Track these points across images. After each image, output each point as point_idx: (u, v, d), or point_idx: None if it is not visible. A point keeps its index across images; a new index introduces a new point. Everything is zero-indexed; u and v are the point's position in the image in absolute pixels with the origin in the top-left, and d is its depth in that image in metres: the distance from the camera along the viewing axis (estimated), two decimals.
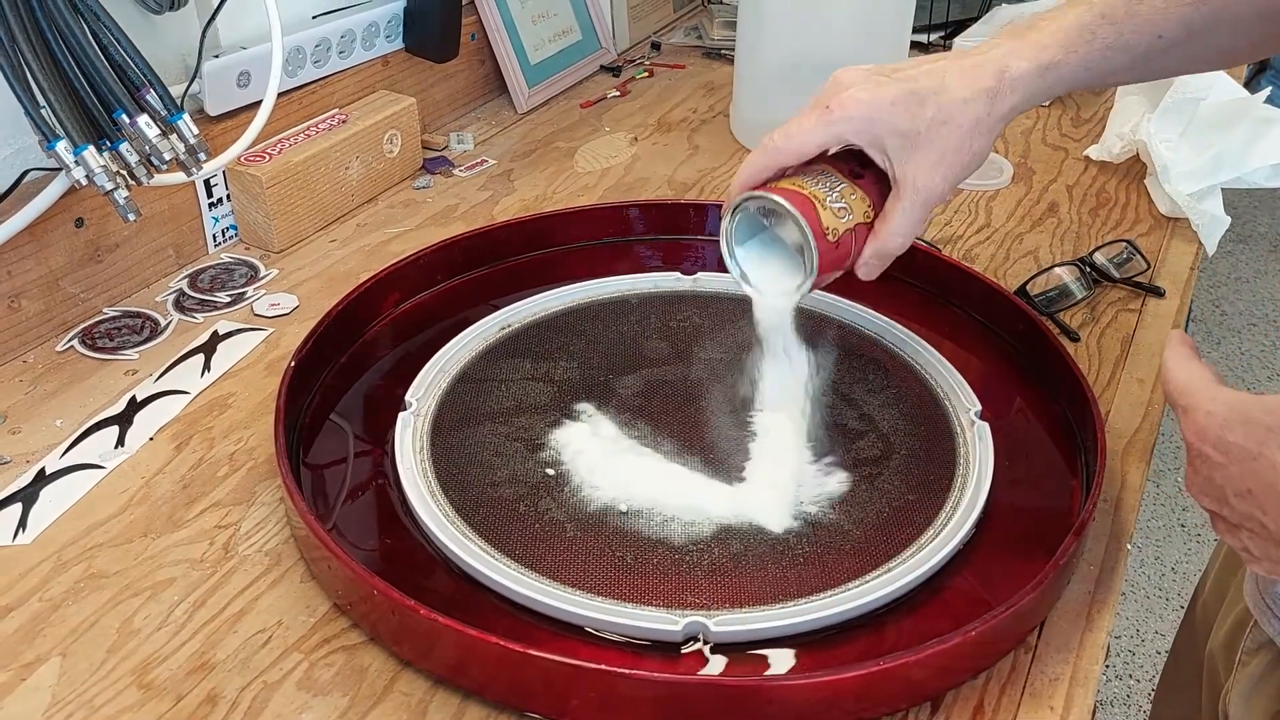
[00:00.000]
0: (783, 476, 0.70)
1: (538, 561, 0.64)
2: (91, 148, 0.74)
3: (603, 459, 0.71)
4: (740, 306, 0.87)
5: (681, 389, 0.78)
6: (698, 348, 0.82)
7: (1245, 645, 0.73)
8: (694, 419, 0.75)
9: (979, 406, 0.75)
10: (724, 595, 0.62)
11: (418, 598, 0.57)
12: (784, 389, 0.74)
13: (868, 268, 0.69)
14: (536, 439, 0.73)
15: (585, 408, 0.76)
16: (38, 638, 0.62)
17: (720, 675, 0.58)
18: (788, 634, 0.60)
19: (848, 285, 0.89)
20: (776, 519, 0.67)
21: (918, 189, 0.66)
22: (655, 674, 0.55)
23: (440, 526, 0.65)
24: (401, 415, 0.73)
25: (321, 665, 0.60)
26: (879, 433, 0.74)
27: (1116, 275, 0.94)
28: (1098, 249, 0.95)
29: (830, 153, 0.68)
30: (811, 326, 0.85)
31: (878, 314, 0.85)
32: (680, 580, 0.63)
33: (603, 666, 0.54)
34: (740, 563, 0.64)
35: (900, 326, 0.84)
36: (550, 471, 0.71)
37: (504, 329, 0.84)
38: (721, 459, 0.71)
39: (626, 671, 0.54)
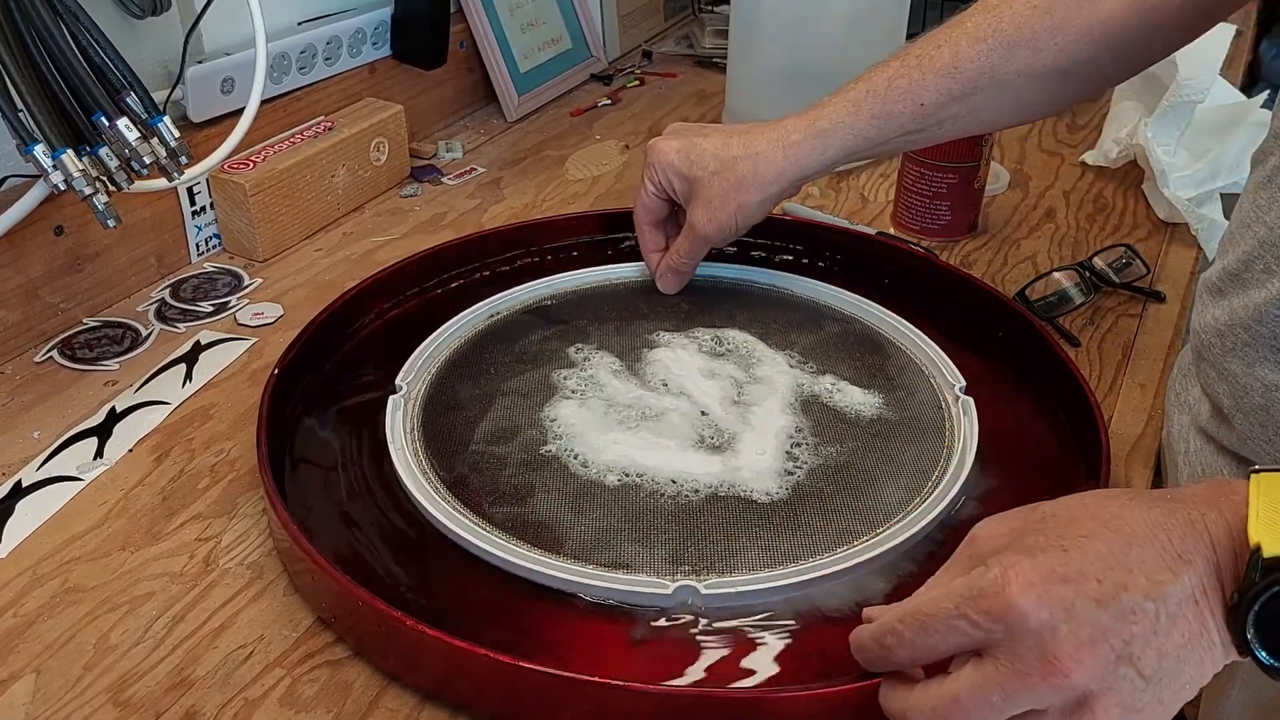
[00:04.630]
0: (771, 447, 0.70)
1: (529, 533, 0.64)
2: (70, 151, 0.73)
3: (592, 434, 0.71)
4: (729, 292, 0.89)
5: (670, 367, 0.78)
6: (687, 329, 0.83)
7: None
8: (682, 394, 0.75)
9: (963, 382, 0.76)
10: (714, 561, 0.63)
11: (404, 610, 0.55)
12: None
13: (662, 280, 0.86)
14: (526, 417, 0.74)
15: (574, 386, 0.76)
16: (11, 654, 0.59)
17: (718, 688, 0.56)
18: (777, 598, 0.60)
19: (856, 280, 0.88)
20: (765, 488, 0.67)
21: (691, 225, 0.81)
22: (649, 686, 0.53)
23: (432, 501, 0.65)
24: (392, 399, 0.73)
25: (305, 681, 0.58)
26: (868, 408, 0.75)
27: (1116, 280, 0.93)
28: (1097, 254, 0.94)
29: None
30: (808, 312, 0.86)
31: (875, 304, 0.86)
32: (671, 548, 0.63)
33: (595, 679, 0.53)
34: (729, 530, 0.65)
35: (896, 316, 0.84)
36: (541, 449, 0.71)
37: (493, 316, 0.84)
38: (711, 431, 0.72)
39: (620, 684, 0.53)
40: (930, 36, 0.76)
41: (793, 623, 0.60)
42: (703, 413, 0.73)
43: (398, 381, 0.75)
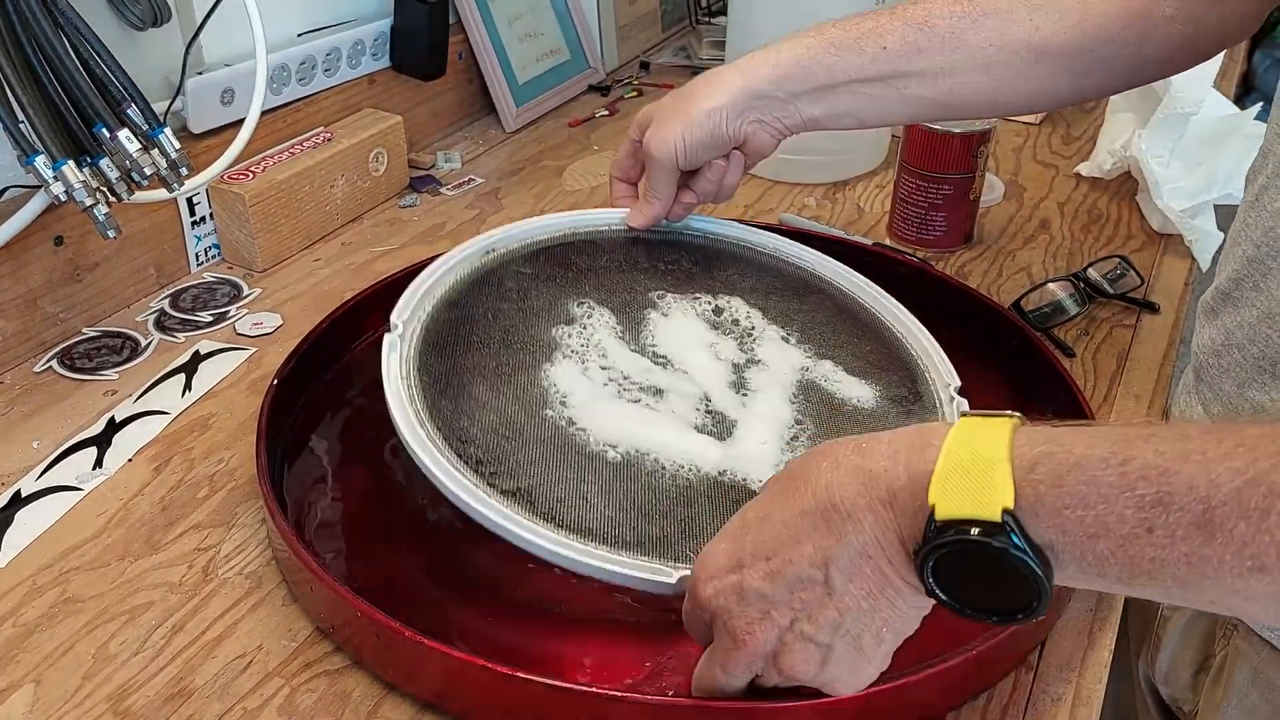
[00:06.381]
0: (772, 438, 0.68)
1: (531, 501, 0.60)
2: (71, 163, 0.73)
3: (594, 404, 0.68)
4: (732, 254, 0.85)
5: (670, 337, 0.75)
6: (688, 291, 0.80)
7: None
8: (684, 372, 0.72)
9: (958, 382, 0.73)
10: None
11: (403, 620, 0.56)
12: None
13: (630, 216, 0.84)
14: (527, 376, 0.70)
15: (575, 346, 0.73)
16: (10, 664, 0.60)
17: (717, 701, 0.56)
18: None
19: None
20: (766, 476, 0.64)
21: (644, 146, 0.79)
22: (649, 697, 0.54)
23: (427, 452, 0.61)
24: (388, 337, 0.69)
25: (303, 691, 0.58)
26: (866, 401, 0.73)
27: (1110, 291, 0.93)
28: (1091, 265, 0.95)
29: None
30: (810, 286, 0.84)
31: (877, 286, 0.84)
32: (675, 533, 0.61)
33: (594, 690, 0.53)
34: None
35: (896, 301, 0.82)
36: (543, 412, 0.67)
37: (489, 254, 0.80)
38: (713, 417, 0.69)
39: (620, 694, 0.53)
40: None
41: None
42: (705, 396, 0.71)
43: (394, 320, 0.71)
